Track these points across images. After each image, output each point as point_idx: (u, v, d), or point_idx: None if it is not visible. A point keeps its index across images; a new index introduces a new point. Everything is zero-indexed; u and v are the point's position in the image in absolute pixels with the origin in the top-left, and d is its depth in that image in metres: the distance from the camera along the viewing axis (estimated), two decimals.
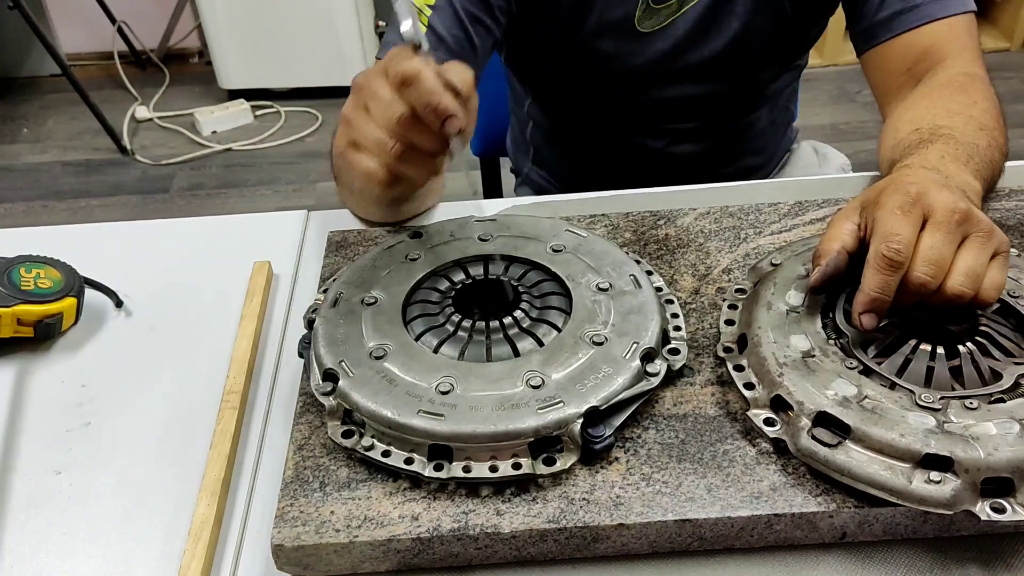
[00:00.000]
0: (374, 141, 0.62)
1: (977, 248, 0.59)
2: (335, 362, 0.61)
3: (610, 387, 0.58)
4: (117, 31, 3.06)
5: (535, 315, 0.66)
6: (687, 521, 0.53)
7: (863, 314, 0.59)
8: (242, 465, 0.64)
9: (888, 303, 0.58)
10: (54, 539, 0.59)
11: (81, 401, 0.69)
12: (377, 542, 0.53)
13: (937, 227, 0.58)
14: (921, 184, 0.61)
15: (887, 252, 0.57)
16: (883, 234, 0.58)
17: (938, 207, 0.59)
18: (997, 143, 0.77)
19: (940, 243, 0.58)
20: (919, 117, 0.80)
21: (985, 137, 0.76)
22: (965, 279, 0.57)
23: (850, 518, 0.54)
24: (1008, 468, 0.51)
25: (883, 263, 0.57)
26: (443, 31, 0.88)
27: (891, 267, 0.57)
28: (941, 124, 0.77)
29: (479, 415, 0.56)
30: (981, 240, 0.59)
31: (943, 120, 0.78)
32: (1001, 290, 0.59)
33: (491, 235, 0.73)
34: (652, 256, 0.75)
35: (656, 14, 0.95)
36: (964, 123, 0.77)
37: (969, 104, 0.81)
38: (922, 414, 0.54)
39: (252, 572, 0.56)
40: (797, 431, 0.55)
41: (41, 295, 0.72)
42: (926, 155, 0.72)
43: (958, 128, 0.76)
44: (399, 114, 0.60)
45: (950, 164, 0.70)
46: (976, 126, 0.77)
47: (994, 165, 0.76)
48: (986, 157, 0.74)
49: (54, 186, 2.64)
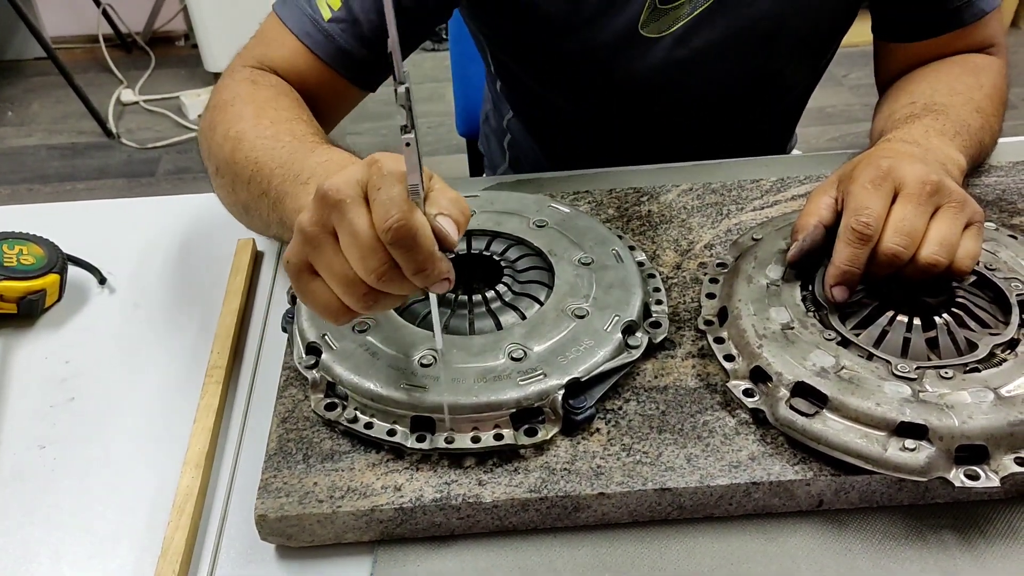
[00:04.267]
0: (342, 279, 0.49)
1: (950, 218, 0.59)
2: (318, 336, 0.61)
3: (591, 359, 0.58)
4: (102, 14, 3.03)
5: (518, 289, 0.66)
6: (667, 490, 0.54)
7: (834, 287, 0.60)
8: (226, 438, 0.64)
9: (858, 275, 0.59)
10: (39, 513, 0.59)
11: (65, 377, 0.69)
12: (360, 512, 0.54)
13: (908, 199, 0.59)
14: (894, 158, 0.61)
15: (856, 225, 0.58)
16: (853, 208, 0.59)
17: (909, 179, 0.60)
18: (990, 127, 0.78)
19: (911, 214, 0.59)
20: (919, 91, 0.81)
21: (979, 119, 0.77)
22: (939, 248, 0.58)
23: (827, 486, 0.54)
24: (982, 436, 0.52)
25: (853, 236, 0.58)
26: (359, 12, 0.78)
27: (860, 240, 0.58)
28: (938, 101, 0.77)
29: (461, 387, 0.57)
30: (954, 210, 0.60)
31: (942, 97, 0.78)
32: (975, 260, 0.60)
33: (475, 211, 0.73)
34: (635, 232, 0.75)
35: (664, 15, 0.83)
36: (962, 103, 0.78)
37: (974, 87, 0.81)
38: (898, 383, 0.55)
39: (236, 543, 0.57)
40: (776, 401, 0.56)
41: (24, 271, 0.72)
42: (911, 129, 0.72)
43: (954, 106, 0.77)
44: (382, 268, 0.48)
45: (934, 138, 0.71)
46: (973, 107, 0.78)
47: (983, 147, 0.77)
48: (976, 138, 0.75)
49: (39, 169, 2.62)
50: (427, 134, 2.66)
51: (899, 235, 0.58)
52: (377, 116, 2.74)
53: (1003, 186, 0.78)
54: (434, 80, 2.94)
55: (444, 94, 2.80)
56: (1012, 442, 0.52)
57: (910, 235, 0.58)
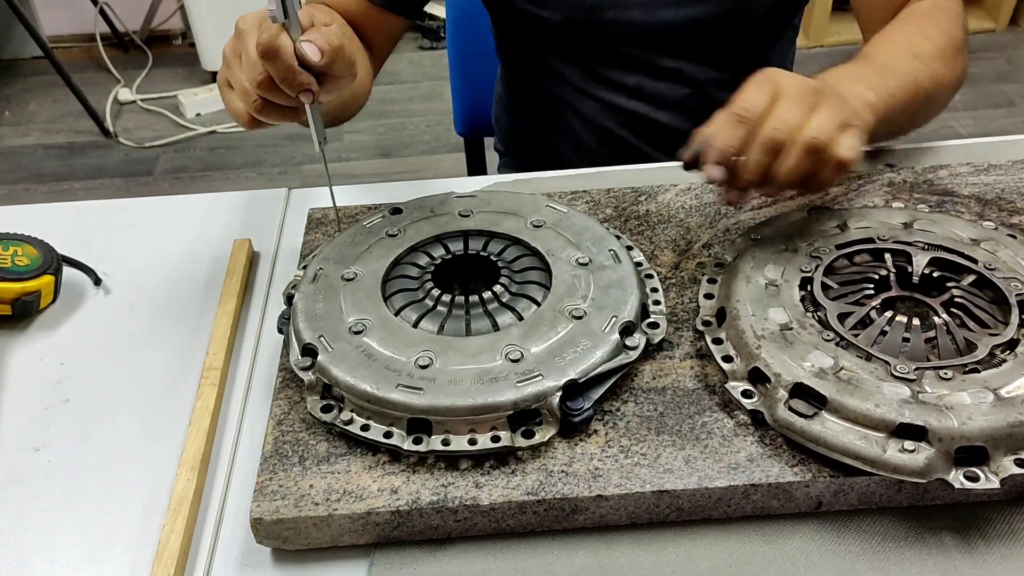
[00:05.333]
0: (241, 89, 0.66)
1: (829, 110, 0.63)
2: (314, 337, 0.61)
3: (589, 360, 0.58)
4: (99, 13, 3.02)
5: (515, 290, 0.66)
6: (665, 492, 0.54)
7: (711, 165, 0.64)
8: (222, 441, 0.63)
9: (731, 154, 0.63)
10: (33, 515, 0.59)
11: (60, 378, 0.69)
12: (356, 515, 0.53)
13: (788, 98, 0.63)
14: (775, 72, 0.66)
15: (736, 110, 0.64)
16: (735, 101, 0.64)
17: (790, 84, 0.64)
18: (931, 70, 0.79)
19: (791, 107, 0.63)
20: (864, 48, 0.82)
21: (913, 62, 0.78)
22: (819, 132, 0.62)
23: (826, 487, 0.54)
24: (981, 437, 0.51)
25: (731, 119, 0.63)
26: None
27: (739, 121, 0.63)
28: (871, 50, 0.80)
29: (458, 388, 0.56)
30: (832, 105, 0.64)
31: (874, 47, 0.80)
32: (856, 152, 0.63)
33: (471, 211, 0.73)
34: (633, 232, 0.75)
35: None
36: (893, 48, 0.80)
37: (915, 33, 0.82)
38: (897, 384, 0.54)
39: (231, 546, 0.56)
40: (774, 403, 0.56)
41: (18, 272, 0.72)
42: (827, 72, 0.74)
43: (882, 52, 0.79)
44: (260, 77, 0.63)
45: (843, 77, 0.73)
46: (908, 52, 0.79)
47: (917, 88, 0.77)
48: (905, 80, 0.76)
49: (36, 169, 2.62)
50: (425, 132, 2.65)
51: (779, 121, 0.62)
52: (375, 115, 2.74)
53: (1002, 184, 0.77)
54: (432, 79, 2.93)
55: (443, 92, 2.80)
56: (1012, 443, 0.52)
57: (789, 123, 0.62)
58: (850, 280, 0.65)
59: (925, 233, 0.67)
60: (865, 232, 0.68)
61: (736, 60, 1.01)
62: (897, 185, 0.78)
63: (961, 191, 0.77)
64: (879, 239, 0.67)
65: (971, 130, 2.51)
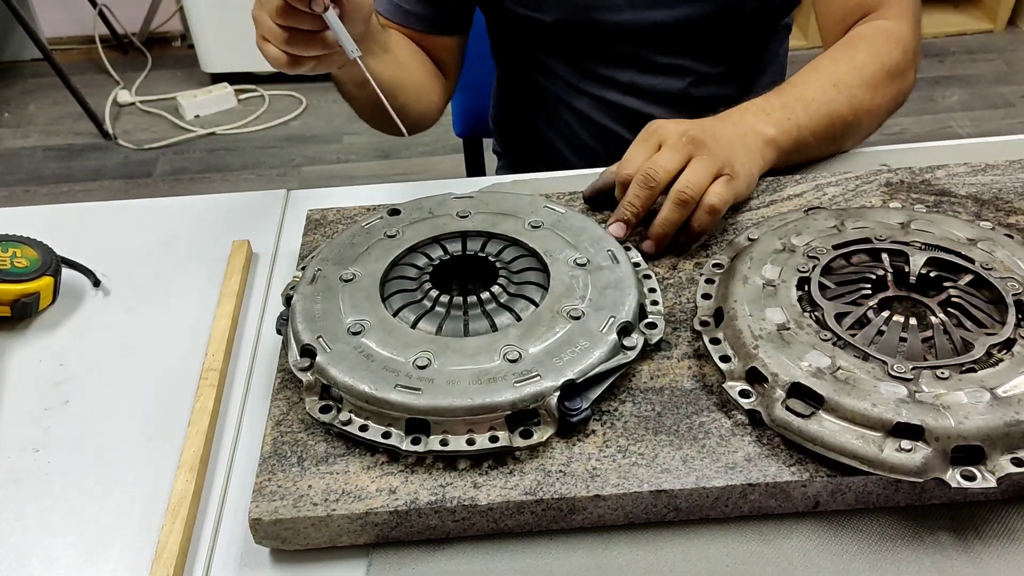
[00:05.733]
0: (268, 31, 0.71)
1: (699, 164, 0.71)
2: (313, 338, 0.61)
3: (587, 361, 0.58)
4: (98, 15, 3.03)
5: (513, 290, 0.66)
6: (663, 492, 0.54)
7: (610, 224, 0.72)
8: (221, 441, 0.64)
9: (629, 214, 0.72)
10: (32, 516, 0.59)
11: (59, 380, 0.69)
12: (355, 515, 0.54)
13: (665, 147, 0.72)
14: (663, 122, 0.74)
15: (616, 171, 0.74)
16: (621, 161, 0.74)
17: (669, 133, 0.72)
18: (849, 98, 0.82)
19: (663, 157, 0.71)
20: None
21: (830, 91, 0.81)
22: (687, 184, 0.70)
23: (823, 487, 0.54)
24: (978, 436, 0.51)
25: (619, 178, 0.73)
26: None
27: (622, 185, 0.72)
28: (793, 80, 0.84)
29: (456, 389, 0.56)
30: (705, 160, 0.71)
31: (798, 77, 0.84)
32: (724, 203, 0.71)
33: (469, 212, 0.73)
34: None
35: None
36: (814, 78, 0.83)
37: (841, 60, 0.84)
38: (894, 384, 0.55)
39: (231, 547, 0.57)
40: (772, 402, 0.56)
41: (17, 274, 0.72)
42: (732, 110, 0.80)
43: (801, 83, 0.83)
44: (275, 5, 0.69)
45: (746, 113, 0.79)
46: (828, 82, 0.82)
47: (832, 117, 0.81)
48: (818, 111, 0.80)
49: (36, 171, 2.62)
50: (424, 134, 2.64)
51: (653, 168, 0.70)
52: None
53: (999, 185, 0.78)
54: None
55: None
56: (1008, 442, 0.52)
57: (659, 171, 0.70)
58: (847, 280, 0.65)
59: (922, 233, 0.67)
60: (862, 232, 0.68)
61: (728, 55, 1.02)
62: (894, 185, 0.79)
63: (958, 191, 0.77)
64: (876, 239, 0.67)
65: (969, 131, 2.51)
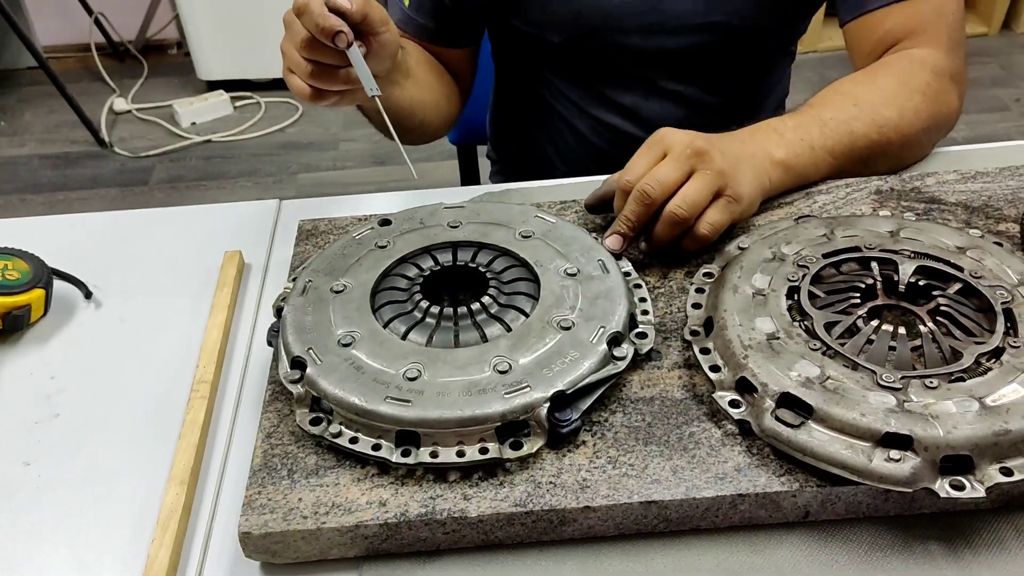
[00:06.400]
0: (294, 63, 0.73)
1: (699, 180, 0.69)
2: (303, 350, 0.61)
3: (577, 371, 0.58)
4: (94, 22, 3.03)
5: (503, 301, 0.66)
6: (653, 503, 0.54)
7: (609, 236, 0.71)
8: (212, 454, 0.64)
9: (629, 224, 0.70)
10: (23, 530, 0.59)
11: (50, 392, 0.69)
12: (345, 528, 0.54)
13: (669, 158, 0.70)
14: (671, 130, 0.72)
15: (617, 179, 0.72)
16: (625, 168, 0.72)
17: (675, 143, 0.70)
18: (875, 118, 0.80)
19: (667, 168, 0.69)
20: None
21: (851, 111, 0.80)
22: (683, 202, 0.68)
23: (813, 497, 0.54)
24: (967, 446, 0.51)
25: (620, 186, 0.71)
26: None
27: (622, 192, 0.71)
28: (811, 101, 0.83)
29: (446, 400, 0.56)
30: (707, 176, 0.69)
31: (817, 98, 0.83)
32: (717, 229, 0.70)
33: (460, 222, 0.73)
34: None
35: None
36: (837, 99, 0.82)
37: (863, 82, 0.84)
38: (883, 394, 0.55)
39: (220, 560, 0.57)
40: (761, 412, 0.56)
41: (8, 287, 0.72)
42: (743, 129, 0.78)
43: (820, 103, 0.82)
44: (302, 38, 0.70)
45: (757, 132, 0.78)
46: (850, 102, 0.81)
47: (854, 137, 0.80)
48: (839, 129, 0.79)
49: (32, 179, 2.62)
50: None
51: (652, 181, 0.69)
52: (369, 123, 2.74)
53: (989, 192, 0.78)
54: None
55: None
56: (997, 452, 0.52)
57: (661, 183, 0.69)
58: (837, 289, 0.65)
59: (912, 241, 0.68)
60: (852, 240, 0.68)
61: (733, 84, 1.02)
62: (884, 193, 0.79)
63: (948, 199, 0.77)
64: (866, 247, 0.67)
65: (964, 134, 2.52)
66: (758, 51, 1.02)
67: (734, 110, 1.04)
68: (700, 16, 0.93)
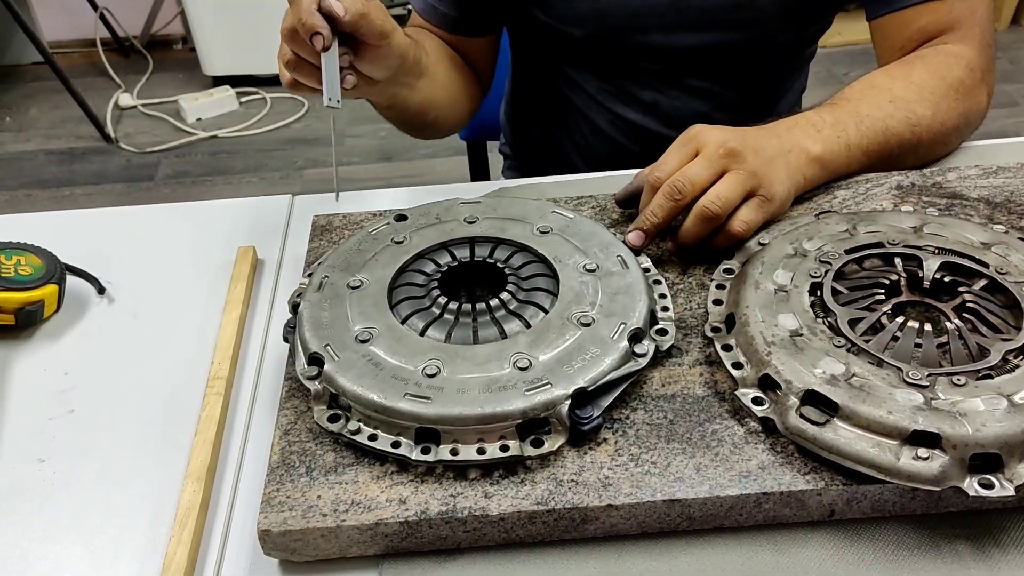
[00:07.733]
0: (281, 50, 0.73)
1: (732, 179, 0.68)
2: (320, 346, 0.60)
3: (598, 368, 0.58)
4: (99, 18, 3.03)
5: (522, 297, 0.65)
6: (676, 501, 0.53)
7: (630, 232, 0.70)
8: (228, 451, 0.63)
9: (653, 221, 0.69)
10: (38, 527, 0.58)
11: (64, 388, 0.69)
12: (364, 526, 0.53)
13: (702, 156, 0.69)
14: (704, 127, 0.71)
15: (648, 174, 0.71)
16: (655, 164, 0.71)
17: (708, 142, 0.69)
18: (909, 116, 0.79)
19: (699, 167, 0.68)
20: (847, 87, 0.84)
21: (887, 108, 0.79)
22: (716, 199, 0.67)
23: (838, 496, 0.53)
24: (996, 444, 0.51)
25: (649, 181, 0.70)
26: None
27: (651, 188, 0.70)
28: (845, 95, 0.81)
29: (466, 397, 0.56)
30: (740, 176, 0.68)
31: (850, 91, 0.82)
32: (750, 227, 0.69)
33: (477, 217, 0.72)
34: None
35: None
36: (872, 94, 0.81)
37: (898, 76, 0.83)
38: (910, 391, 0.54)
39: (239, 558, 0.56)
40: (785, 410, 0.55)
41: (22, 282, 0.71)
42: (788, 119, 0.77)
43: (857, 98, 0.80)
44: (287, 26, 0.70)
45: (795, 127, 0.76)
46: (886, 98, 0.80)
47: (888, 135, 0.79)
48: (874, 127, 0.78)
49: (37, 175, 2.62)
50: None
51: (683, 178, 0.68)
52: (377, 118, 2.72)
53: (1011, 187, 0.77)
54: None
55: None
56: None
57: (691, 181, 0.68)
58: (860, 285, 0.64)
59: (935, 237, 0.67)
60: (875, 236, 0.67)
61: (753, 79, 1.01)
62: (905, 188, 0.78)
63: (970, 194, 0.76)
64: (889, 243, 0.67)
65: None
66: (780, 47, 1.01)
67: (753, 105, 1.03)
68: (723, 12, 0.92)
